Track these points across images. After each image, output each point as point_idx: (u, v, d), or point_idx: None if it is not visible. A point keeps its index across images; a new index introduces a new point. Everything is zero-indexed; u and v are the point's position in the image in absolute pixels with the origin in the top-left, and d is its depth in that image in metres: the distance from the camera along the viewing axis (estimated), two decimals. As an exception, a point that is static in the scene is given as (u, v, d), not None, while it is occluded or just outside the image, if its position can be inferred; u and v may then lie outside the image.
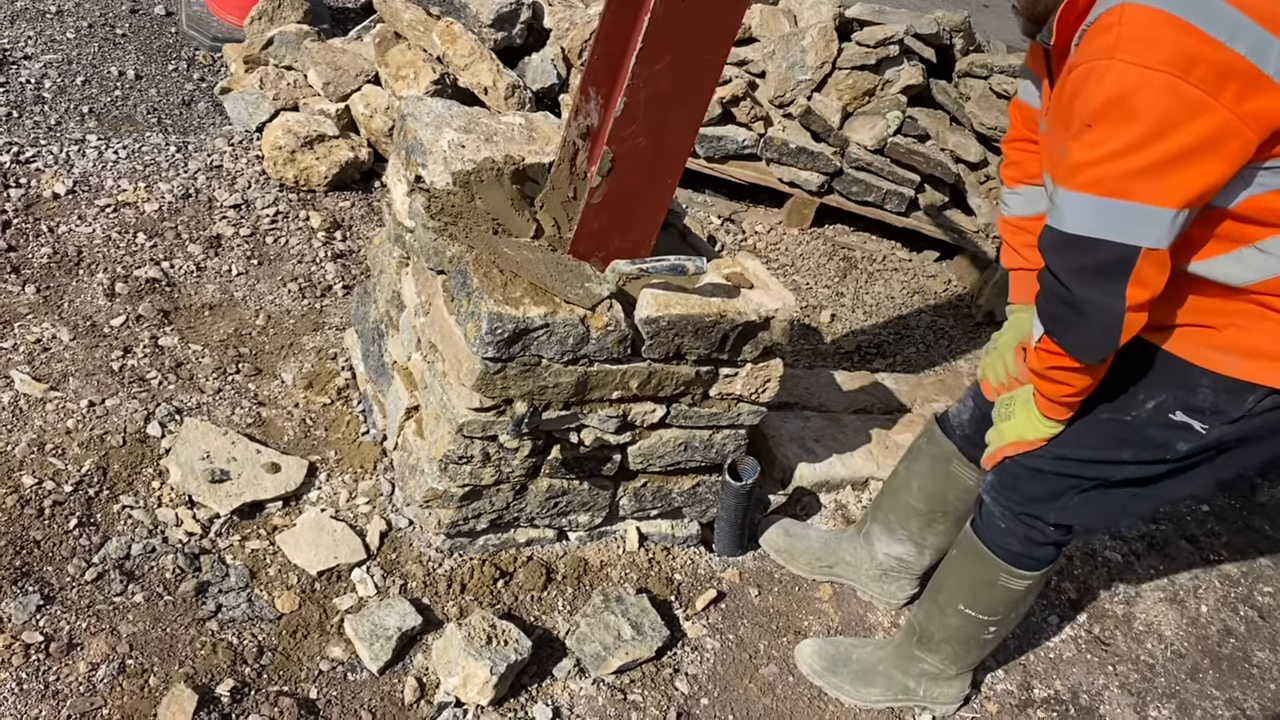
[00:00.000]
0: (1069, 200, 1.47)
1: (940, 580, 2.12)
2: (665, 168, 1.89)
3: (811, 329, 3.67)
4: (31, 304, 2.63)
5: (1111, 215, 1.42)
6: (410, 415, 2.25)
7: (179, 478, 2.21)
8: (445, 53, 3.72)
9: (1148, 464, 1.76)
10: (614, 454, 2.18)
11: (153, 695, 1.83)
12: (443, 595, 2.16)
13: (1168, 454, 1.73)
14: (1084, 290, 1.49)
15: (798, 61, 4.03)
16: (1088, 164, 1.42)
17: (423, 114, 2.26)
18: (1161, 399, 1.69)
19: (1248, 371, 1.61)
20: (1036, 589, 2.01)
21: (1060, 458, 1.81)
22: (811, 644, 2.27)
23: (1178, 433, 1.70)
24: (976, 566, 2.00)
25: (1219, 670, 2.56)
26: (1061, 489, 1.84)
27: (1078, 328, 1.54)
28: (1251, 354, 1.61)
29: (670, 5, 1.66)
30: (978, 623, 2.06)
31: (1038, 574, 1.97)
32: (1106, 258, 1.45)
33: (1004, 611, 2.04)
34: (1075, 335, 1.55)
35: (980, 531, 1.99)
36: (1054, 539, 1.93)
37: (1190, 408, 1.67)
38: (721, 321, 2.00)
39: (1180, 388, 1.67)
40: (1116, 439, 1.75)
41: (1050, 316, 1.57)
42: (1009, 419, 1.84)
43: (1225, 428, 1.67)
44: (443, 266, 2.04)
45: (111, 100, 3.60)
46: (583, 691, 2.07)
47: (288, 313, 2.87)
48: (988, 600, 2.02)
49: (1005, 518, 1.93)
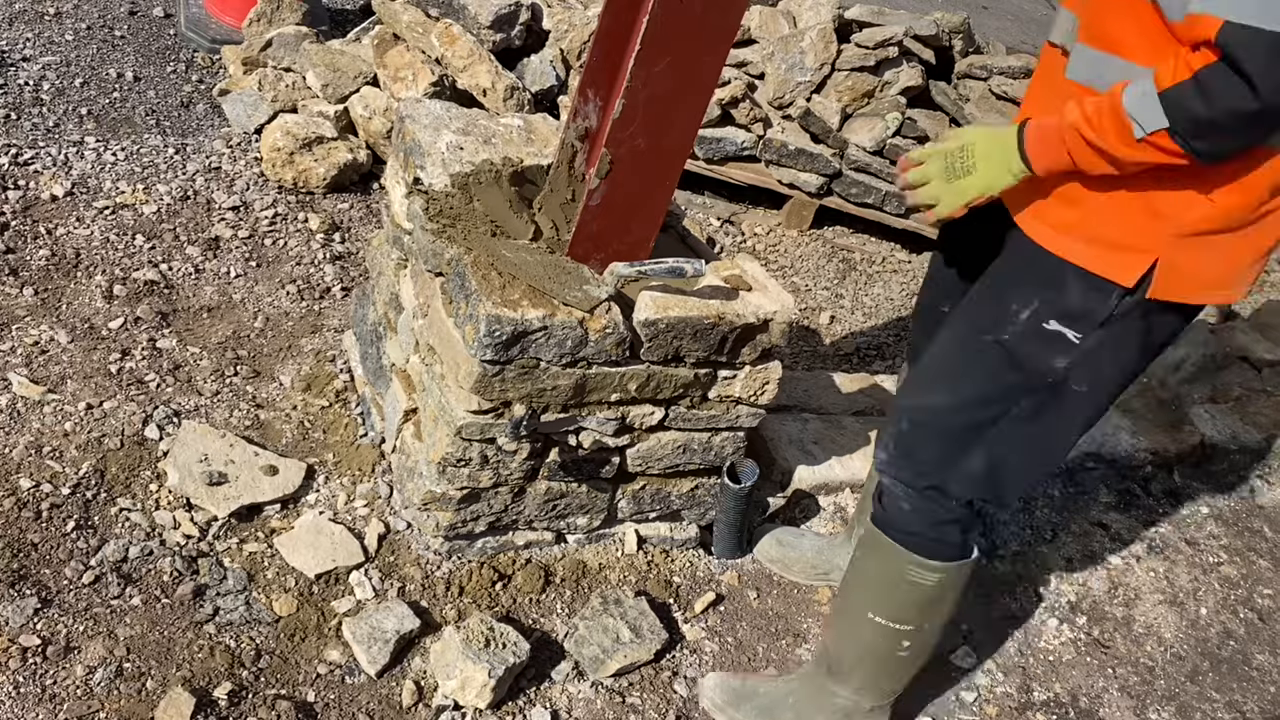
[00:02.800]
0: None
1: (846, 587, 1.97)
2: (664, 169, 1.89)
3: (810, 331, 3.66)
4: (29, 306, 2.63)
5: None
6: (408, 418, 2.24)
7: (177, 480, 2.20)
8: (444, 54, 3.72)
9: (1034, 392, 1.65)
10: (612, 456, 2.18)
11: (150, 698, 1.82)
12: (441, 598, 2.16)
13: (1049, 375, 1.62)
14: (1278, 98, 1.29)
15: (797, 63, 4.03)
16: None
17: (421, 116, 2.25)
18: (1034, 306, 1.59)
19: (1105, 265, 1.52)
20: (952, 590, 1.86)
21: (953, 408, 1.71)
22: (718, 676, 2.14)
23: (1054, 345, 1.60)
24: (881, 561, 1.86)
25: (1219, 673, 2.56)
26: (962, 446, 1.72)
27: (1234, 135, 1.36)
28: (1110, 245, 1.52)
29: (669, 7, 1.66)
30: (890, 633, 1.89)
31: (950, 565, 1.82)
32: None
33: (917, 618, 1.87)
34: (1223, 142, 1.37)
35: (882, 521, 1.85)
36: (960, 517, 1.78)
37: (1063, 313, 1.57)
38: (720, 324, 1.99)
39: (1049, 287, 1.58)
40: (1001, 363, 1.65)
41: (1195, 119, 1.34)
42: (969, 173, 1.59)
43: (1096, 333, 1.57)
44: (441, 269, 2.03)
45: (110, 102, 3.60)
46: (581, 694, 2.07)
47: (286, 315, 2.87)
48: (898, 602, 1.86)
49: (908, 497, 1.80)
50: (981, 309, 1.70)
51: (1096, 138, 1.43)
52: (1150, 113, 1.37)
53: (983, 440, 1.71)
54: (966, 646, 2.41)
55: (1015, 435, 1.70)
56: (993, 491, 1.77)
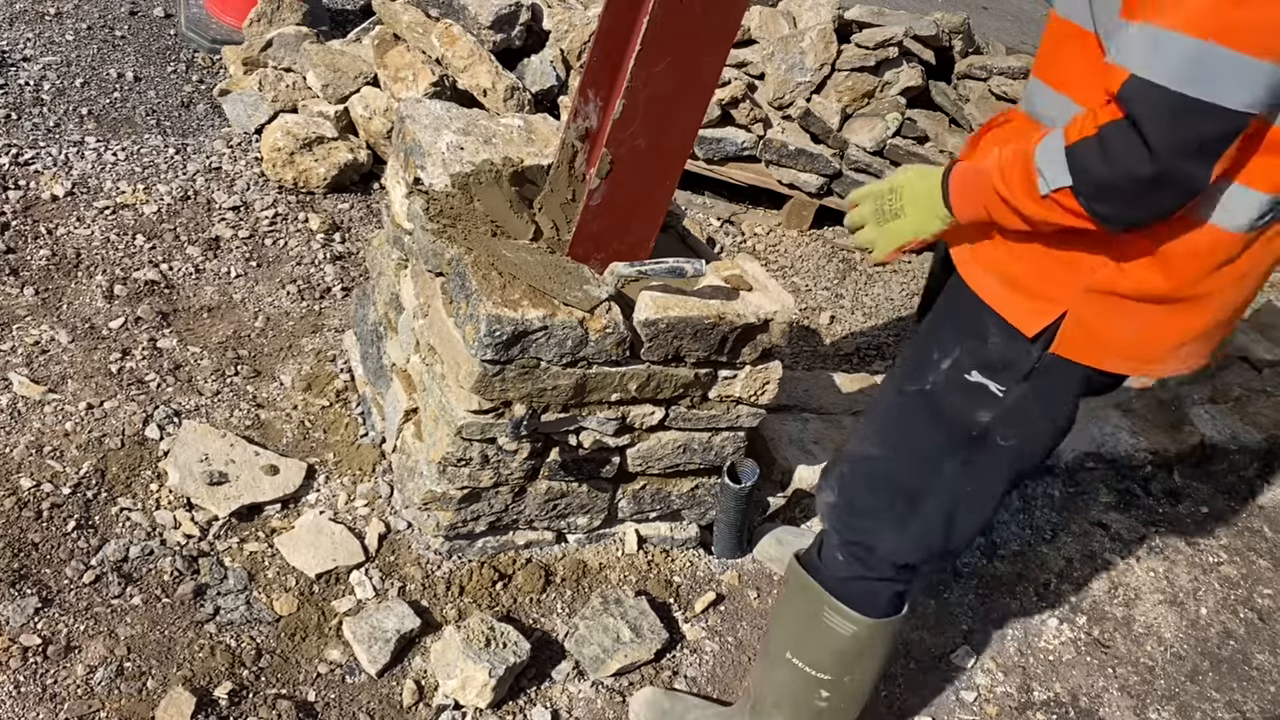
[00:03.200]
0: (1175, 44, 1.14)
1: (770, 623, 1.88)
2: (664, 169, 1.89)
3: (811, 331, 3.66)
4: (30, 306, 2.63)
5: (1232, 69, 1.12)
6: (409, 417, 2.25)
7: (177, 480, 2.20)
8: (444, 54, 3.72)
9: (959, 447, 1.54)
10: (613, 456, 2.18)
11: (151, 698, 1.82)
12: (441, 598, 2.16)
13: (972, 428, 1.51)
14: (1177, 164, 1.17)
15: (797, 63, 4.03)
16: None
17: (421, 116, 2.25)
18: (955, 355, 1.49)
19: (1011, 309, 1.41)
20: (872, 646, 1.73)
21: (885, 459, 1.61)
22: (650, 693, 2.06)
23: (977, 397, 1.49)
24: (800, 598, 1.76)
25: (1219, 672, 2.56)
26: (891, 502, 1.62)
27: (1134, 202, 1.23)
28: (1020, 289, 1.40)
29: (669, 7, 1.66)
30: (808, 679, 1.77)
31: (867, 621, 1.68)
32: (1223, 128, 1.16)
33: (835, 669, 1.75)
34: (1123, 208, 1.24)
35: (808, 561, 1.75)
36: (891, 577, 1.67)
37: (984, 363, 1.46)
38: (720, 324, 2.00)
39: (971, 335, 1.47)
40: (924, 416, 1.55)
41: (1096, 181, 1.22)
42: (897, 217, 1.50)
43: (1019, 387, 1.46)
44: (441, 269, 2.03)
45: (110, 102, 3.60)
46: (581, 694, 2.07)
47: (286, 315, 2.87)
48: (815, 647, 1.75)
49: (839, 546, 1.69)
50: (909, 356, 1.61)
51: (1005, 190, 1.32)
52: (1057, 168, 1.25)
53: (912, 500, 1.60)
54: (966, 646, 2.41)
55: (947, 493, 1.59)
56: (922, 554, 1.65)
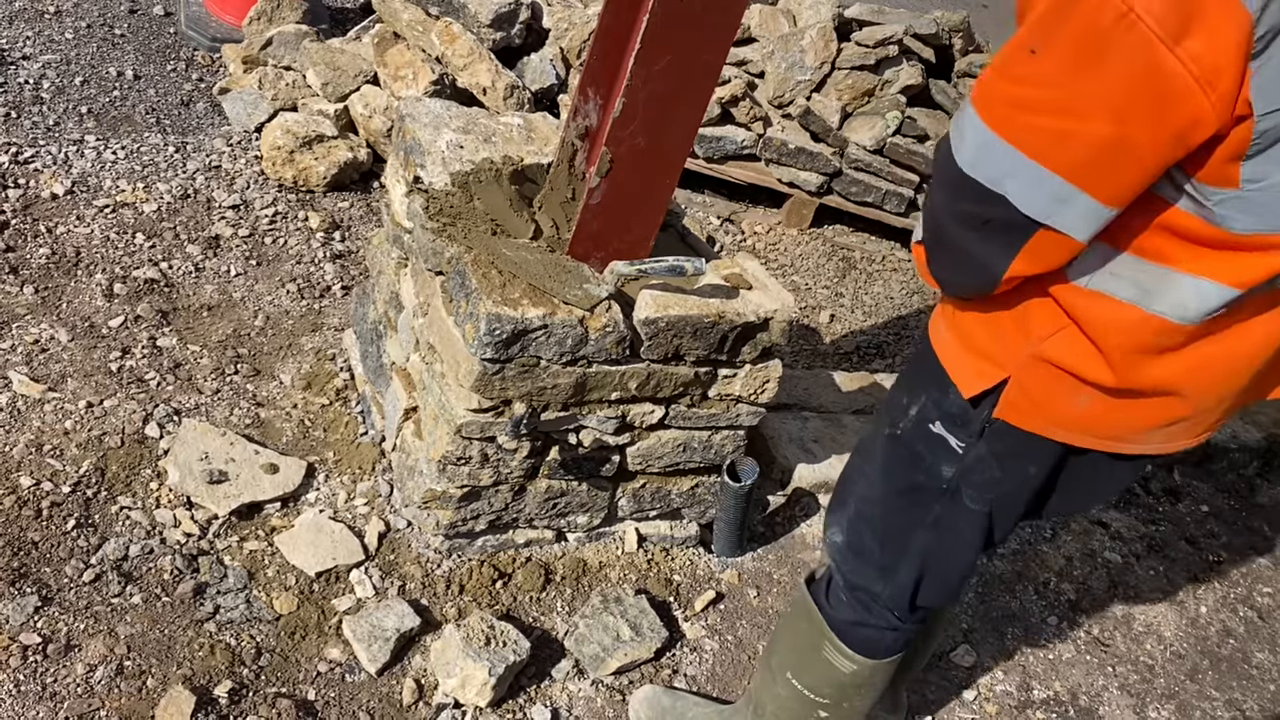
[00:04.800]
0: (970, 122, 1.14)
1: (772, 640, 1.88)
2: (664, 168, 1.89)
3: (810, 329, 3.66)
4: (30, 305, 2.63)
5: (1006, 161, 1.11)
6: (409, 416, 2.25)
7: (177, 479, 2.20)
8: (444, 53, 3.72)
9: (935, 496, 1.48)
10: (613, 455, 2.18)
11: (151, 696, 1.83)
12: (441, 596, 2.16)
13: (938, 480, 1.45)
14: (959, 236, 1.19)
15: (797, 62, 4.03)
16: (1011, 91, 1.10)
17: (421, 114, 2.25)
18: (921, 403, 1.44)
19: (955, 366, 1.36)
20: (871, 683, 1.72)
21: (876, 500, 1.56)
22: (650, 690, 2.06)
23: (939, 450, 1.43)
24: (803, 626, 1.74)
25: (1218, 671, 2.56)
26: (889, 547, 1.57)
27: (947, 266, 1.26)
28: (968, 346, 1.34)
29: (669, 5, 1.66)
30: (806, 701, 1.77)
31: (866, 661, 1.67)
32: (1004, 217, 1.14)
33: (833, 696, 1.74)
34: (944, 270, 1.27)
35: (816, 592, 1.73)
36: (893, 625, 1.64)
37: (945, 415, 1.40)
38: (720, 322, 2.00)
39: (935, 386, 1.41)
40: (900, 460, 1.50)
41: (927, 234, 1.26)
42: None
43: (977, 446, 1.39)
44: (441, 267, 2.03)
45: (110, 100, 3.60)
46: (581, 693, 2.07)
47: (286, 313, 2.87)
48: (814, 675, 1.74)
49: (844, 587, 1.67)
50: (889, 397, 1.57)
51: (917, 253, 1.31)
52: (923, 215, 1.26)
53: (908, 543, 1.55)
54: (967, 644, 2.42)
55: (932, 543, 1.53)
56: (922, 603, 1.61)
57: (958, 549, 1.53)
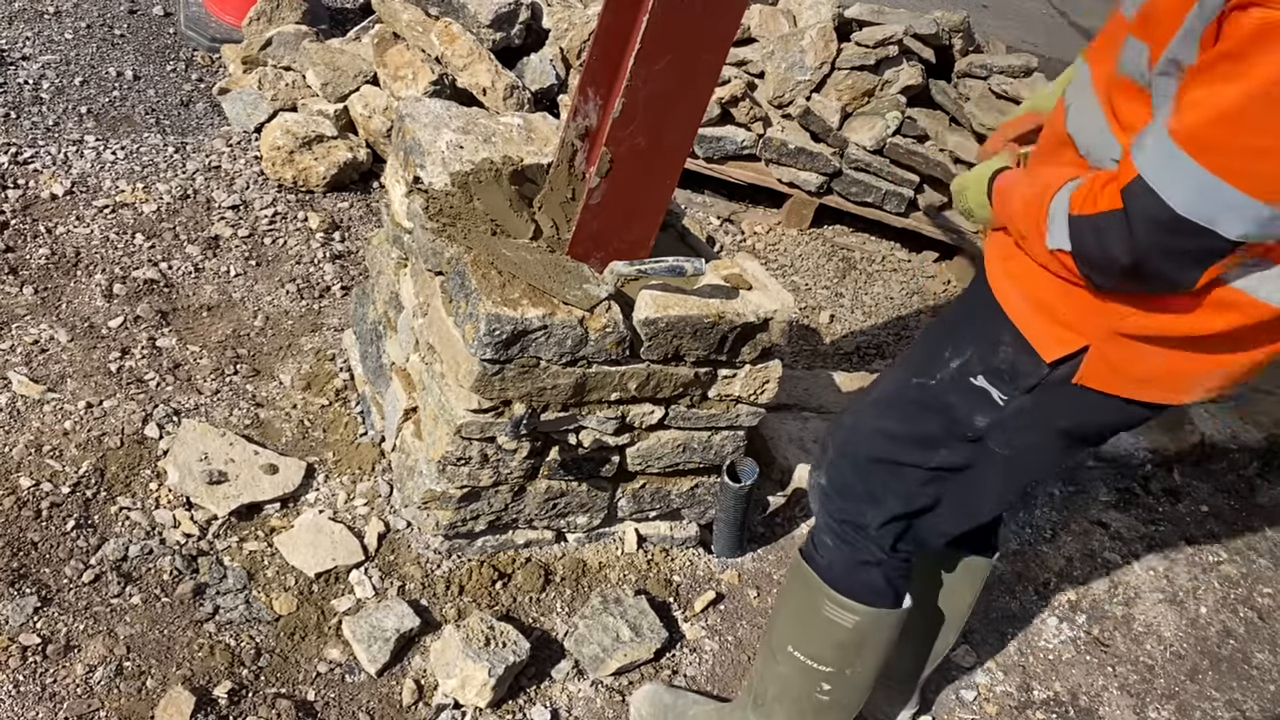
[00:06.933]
0: (1184, 167, 1.19)
1: (772, 614, 1.93)
2: (664, 168, 1.89)
3: (810, 330, 3.66)
4: (29, 305, 2.63)
5: (1228, 201, 1.19)
6: (408, 417, 2.24)
7: (177, 479, 2.20)
8: (444, 53, 3.72)
9: (955, 443, 1.59)
10: (612, 455, 2.18)
11: (150, 697, 1.82)
12: (441, 597, 2.16)
13: (967, 430, 1.57)
14: (1155, 265, 1.26)
15: (797, 62, 4.02)
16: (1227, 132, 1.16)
17: (421, 115, 2.25)
18: (966, 357, 1.55)
19: (1034, 331, 1.45)
20: (873, 637, 1.77)
21: (881, 441, 1.67)
22: (651, 688, 2.08)
23: (977, 401, 1.54)
24: (802, 592, 1.80)
25: (1218, 671, 2.56)
26: (885, 482, 1.68)
27: (1119, 281, 1.33)
28: (1046, 313, 1.44)
29: (669, 6, 1.65)
30: (808, 672, 1.81)
31: (867, 609, 1.73)
32: (1210, 248, 1.23)
33: (836, 660, 1.79)
34: (1111, 282, 1.34)
35: (807, 553, 1.81)
36: (881, 561, 1.72)
37: (991, 370, 1.51)
38: (720, 323, 1.99)
39: (985, 341, 1.52)
40: (923, 408, 1.60)
41: (1086, 255, 1.32)
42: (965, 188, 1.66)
43: (1021, 399, 1.50)
44: (441, 267, 2.03)
45: (110, 101, 3.60)
46: (581, 693, 2.07)
47: (286, 314, 2.87)
48: (816, 639, 1.79)
49: (830, 530, 1.75)
50: (920, 349, 1.66)
51: (1024, 227, 1.39)
52: (1060, 231, 1.34)
53: (903, 481, 1.66)
54: (966, 645, 2.41)
55: (933, 485, 1.65)
56: (911, 539, 1.72)
57: (977, 494, 1.66)
